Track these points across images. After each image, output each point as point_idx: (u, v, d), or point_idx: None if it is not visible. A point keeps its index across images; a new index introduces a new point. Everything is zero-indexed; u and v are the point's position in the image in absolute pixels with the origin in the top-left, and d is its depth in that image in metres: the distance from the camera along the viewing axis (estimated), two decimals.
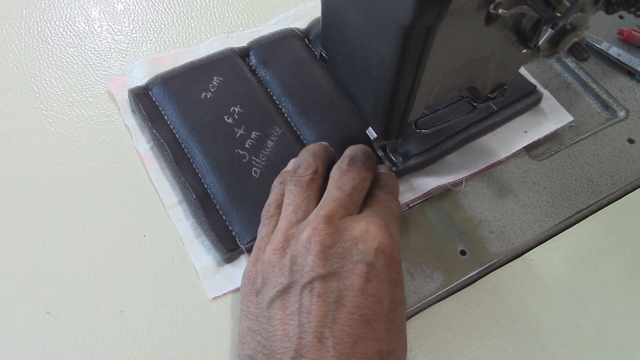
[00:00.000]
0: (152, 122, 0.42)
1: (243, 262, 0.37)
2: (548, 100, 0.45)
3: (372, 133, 0.39)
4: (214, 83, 0.44)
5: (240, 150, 0.41)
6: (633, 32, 0.49)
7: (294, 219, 0.33)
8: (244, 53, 0.46)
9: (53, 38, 0.48)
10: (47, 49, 0.47)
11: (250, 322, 0.31)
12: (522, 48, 0.32)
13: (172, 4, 0.50)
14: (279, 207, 0.35)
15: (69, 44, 0.47)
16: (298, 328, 0.29)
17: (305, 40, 0.47)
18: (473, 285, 0.38)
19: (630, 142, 0.44)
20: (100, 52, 0.47)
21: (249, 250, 0.37)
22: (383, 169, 0.38)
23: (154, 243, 0.38)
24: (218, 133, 0.41)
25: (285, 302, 0.30)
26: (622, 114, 0.45)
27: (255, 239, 0.36)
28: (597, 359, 0.35)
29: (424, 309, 0.37)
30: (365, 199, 0.35)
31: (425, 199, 0.41)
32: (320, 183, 0.36)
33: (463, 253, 0.38)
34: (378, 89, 0.32)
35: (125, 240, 0.38)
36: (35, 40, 0.47)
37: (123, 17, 0.49)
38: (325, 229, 0.31)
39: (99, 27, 0.49)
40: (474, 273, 0.38)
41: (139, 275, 0.37)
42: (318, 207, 0.33)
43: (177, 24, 0.49)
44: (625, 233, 0.40)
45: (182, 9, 0.50)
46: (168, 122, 0.42)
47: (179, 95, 0.43)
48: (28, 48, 0.47)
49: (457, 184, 0.41)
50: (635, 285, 0.38)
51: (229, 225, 0.38)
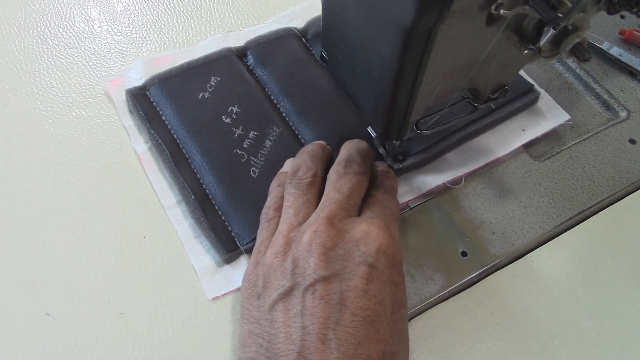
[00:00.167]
0: (149, 122, 0.42)
1: (242, 262, 0.37)
2: (545, 99, 0.45)
3: (372, 131, 0.39)
4: (212, 83, 0.44)
5: (239, 150, 0.41)
6: (634, 32, 0.48)
7: (295, 222, 0.33)
8: (242, 53, 0.46)
9: (53, 38, 0.48)
10: (46, 50, 0.47)
11: (252, 325, 0.31)
12: (523, 49, 0.31)
13: (171, 4, 0.50)
14: (278, 209, 0.35)
15: (69, 45, 0.47)
16: (301, 330, 0.29)
17: (303, 40, 0.47)
18: (474, 287, 0.37)
19: (632, 142, 0.44)
20: (100, 52, 0.47)
21: (249, 251, 0.37)
22: (382, 167, 0.38)
23: (154, 244, 0.38)
24: (216, 133, 0.41)
25: (288, 304, 0.30)
26: (623, 115, 0.45)
27: (255, 240, 0.36)
28: None
29: (425, 311, 0.36)
30: (364, 199, 0.35)
31: (426, 200, 0.40)
32: (320, 185, 0.36)
33: (464, 254, 0.38)
34: (378, 90, 0.32)
35: (125, 242, 0.38)
36: (35, 41, 0.47)
37: (123, 17, 0.49)
38: (327, 231, 0.31)
39: (99, 27, 0.49)
40: (475, 274, 0.38)
41: (139, 276, 0.37)
42: (318, 209, 0.33)
43: (177, 24, 0.49)
44: (627, 234, 0.40)
45: (182, 9, 0.50)
46: (166, 122, 0.42)
47: (177, 96, 0.43)
48: (28, 48, 0.47)
49: (456, 182, 0.41)
50: (637, 287, 0.38)
51: (228, 226, 0.38)
